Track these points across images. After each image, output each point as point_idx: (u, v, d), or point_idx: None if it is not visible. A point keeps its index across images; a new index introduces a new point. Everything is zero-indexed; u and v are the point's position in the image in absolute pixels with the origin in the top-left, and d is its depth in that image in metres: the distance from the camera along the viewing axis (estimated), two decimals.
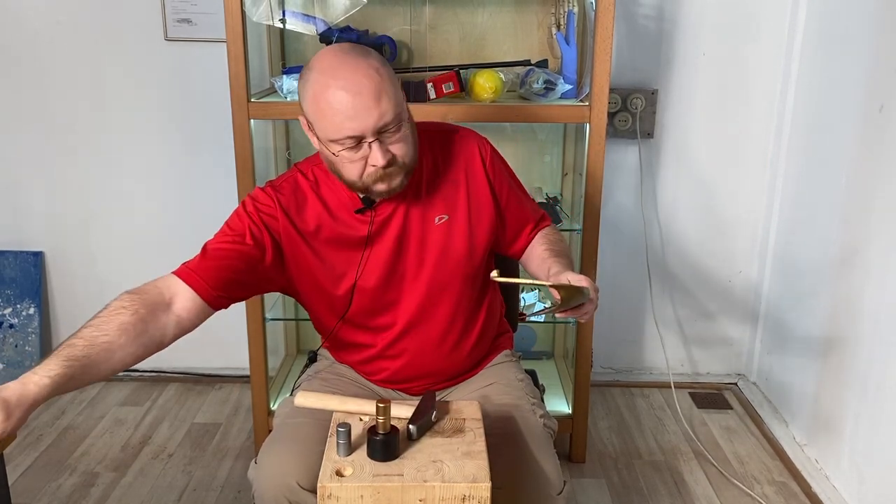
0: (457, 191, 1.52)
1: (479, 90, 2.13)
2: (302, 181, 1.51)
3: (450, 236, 1.51)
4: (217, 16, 2.32)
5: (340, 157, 1.36)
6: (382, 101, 1.31)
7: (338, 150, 1.35)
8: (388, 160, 1.34)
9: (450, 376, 1.62)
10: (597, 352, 2.71)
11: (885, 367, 1.95)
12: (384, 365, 1.60)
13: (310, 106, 1.36)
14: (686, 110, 2.61)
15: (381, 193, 1.41)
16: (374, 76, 1.31)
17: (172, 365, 2.87)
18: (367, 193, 1.43)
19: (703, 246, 2.74)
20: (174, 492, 2.21)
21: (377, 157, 1.33)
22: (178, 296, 1.43)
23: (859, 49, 2.12)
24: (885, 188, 1.96)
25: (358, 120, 1.31)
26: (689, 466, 2.37)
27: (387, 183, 1.38)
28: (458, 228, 1.52)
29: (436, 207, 1.51)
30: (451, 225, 1.52)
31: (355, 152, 1.34)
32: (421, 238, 1.50)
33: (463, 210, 1.52)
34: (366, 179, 1.38)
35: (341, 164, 1.37)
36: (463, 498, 1.18)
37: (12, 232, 2.75)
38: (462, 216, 1.52)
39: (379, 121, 1.31)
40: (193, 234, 2.71)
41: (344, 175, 1.39)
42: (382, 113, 1.31)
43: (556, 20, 2.32)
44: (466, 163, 1.54)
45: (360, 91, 1.30)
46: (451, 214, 1.52)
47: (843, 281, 2.16)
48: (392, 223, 1.49)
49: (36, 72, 2.59)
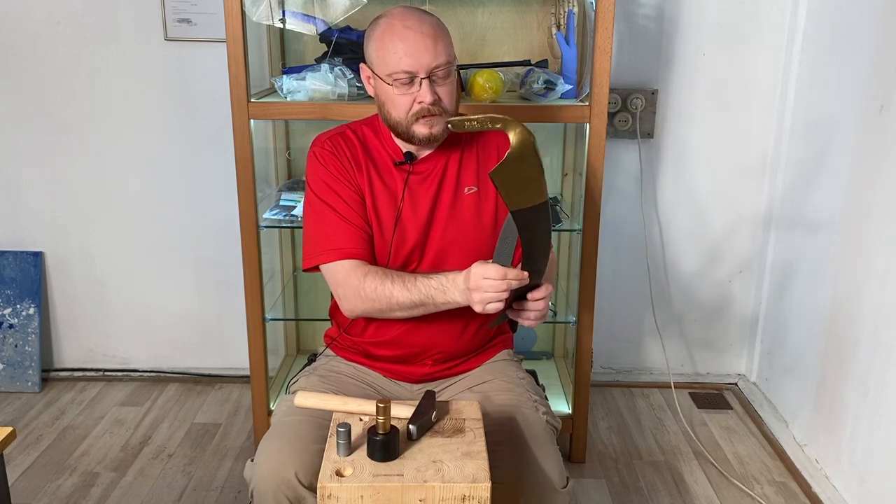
0: (487, 166, 1.62)
1: (479, 90, 2.12)
2: (351, 135, 1.65)
3: (476, 207, 1.63)
4: (217, 16, 2.33)
5: (394, 90, 1.52)
6: (438, 45, 1.50)
7: (392, 82, 1.51)
8: (434, 98, 1.51)
9: (452, 354, 1.66)
10: (597, 352, 2.71)
11: (885, 367, 1.95)
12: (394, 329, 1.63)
13: (375, 43, 1.54)
14: (686, 110, 2.61)
15: (422, 139, 1.55)
16: (435, 25, 1.53)
17: (172, 365, 2.87)
18: (410, 138, 1.56)
19: (703, 246, 2.74)
20: (174, 492, 2.21)
21: (426, 93, 1.50)
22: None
23: (859, 49, 2.12)
24: (885, 188, 1.96)
25: (416, 57, 1.49)
26: (689, 466, 2.37)
27: (428, 126, 1.54)
28: (485, 201, 1.64)
29: (467, 178, 1.64)
30: (479, 196, 1.64)
31: (407, 88, 1.51)
32: (451, 203, 1.62)
33: (491, 185, 1.61)
34: (410, 117, 1.53)
35: (392, 99, 1.53)
36: (463, 498, 1.18)
37: (12, 232, 2.76)
38: (490, 190, 1.63)
39: (433, 61, 1.50)
40: (193, 234, 2.75)
41: (392, 113, 1.55)
42: (437, 55, 1.50)
43: (556, 20, 2.32)
44: (498, 144, 1.67)
45: (422, 32, 1.50)
46: (480, 187, 1.64)
47: (843, 281, 2.16)
48: (427, 183, 1.62)
49: (36, 72, 2.59)
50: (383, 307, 1.52)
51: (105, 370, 2.88)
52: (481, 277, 1.40)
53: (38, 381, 2.76)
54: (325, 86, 2.11)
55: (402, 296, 1.49)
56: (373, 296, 1.51)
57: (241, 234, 2.17)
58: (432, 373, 1.67)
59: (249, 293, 2.22)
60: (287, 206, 2.30)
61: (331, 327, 1.80)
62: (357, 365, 1.70)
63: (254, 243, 2.18)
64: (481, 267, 1.41)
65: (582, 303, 2.26)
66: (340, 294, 1.56)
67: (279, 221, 2.28)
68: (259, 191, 2.20)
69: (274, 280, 2.57)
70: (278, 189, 2.47)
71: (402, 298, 1.49)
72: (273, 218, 2.28)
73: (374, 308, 1.53)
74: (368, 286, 1.51)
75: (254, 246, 2.18)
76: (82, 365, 2.88)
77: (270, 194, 2.47)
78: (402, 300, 1.49)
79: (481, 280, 1.40)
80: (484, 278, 1.40)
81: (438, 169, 1.62)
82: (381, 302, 1.51)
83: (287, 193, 2.37)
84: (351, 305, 1.55)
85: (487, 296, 1.40)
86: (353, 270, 1.53)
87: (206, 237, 2.74)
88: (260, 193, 2.22)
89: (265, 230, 2.28)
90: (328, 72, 2.12)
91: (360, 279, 1.52)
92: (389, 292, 1.50)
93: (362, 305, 1.53)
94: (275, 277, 2.59)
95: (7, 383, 2.75)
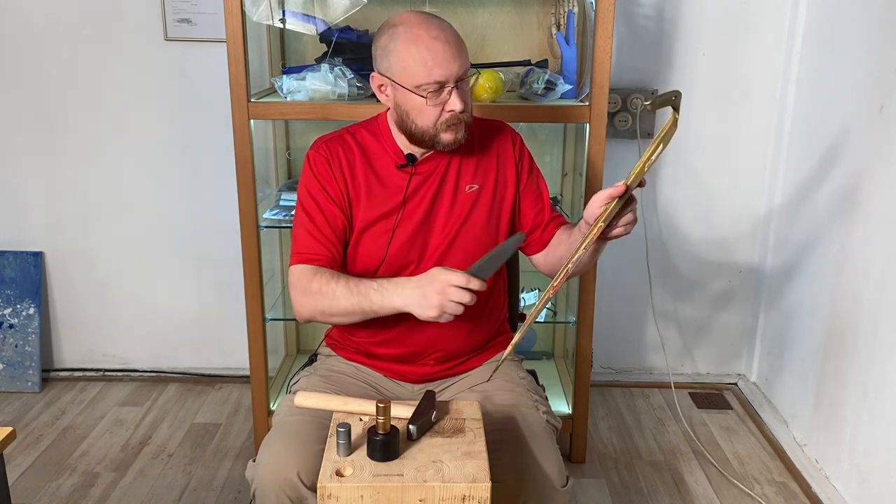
0: (489, 165, 1.66)
1: (480, 90, 2.12)
2: (349, 140, 1.63)
3: (477, 205, 1.64)
4: (217, 16, 2.33)
5: (427, 101, 1.50)
6: (463, 53, 1.51)
7: (425, 94, 1.49)
8: (463, 107, 1.51)
9: (453, 354, 1.66)
10: (597, 352, 2.71)
11: (885, 367, 1.95)
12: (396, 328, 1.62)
13: (400, 54, 1.49)
14: (686, 110, 2.60)
15: (447, 144, 1.55)
16: (455, 33, 1.52)
17: (172, 365, 2.88)
18: (433, 145, 1.56)
19: (703, 246, 2.74)
20: (174, 492, 2.21)
21: (455, 102, 1.50)
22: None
23: (859, 49, 2.12)
24: (885, 188, 1.96)
25: (446, 66, 1.48)
26: (689, 466, 2.37)
27: (454, 132, 1.54)
28: (485, 199, 1.65)
29: (468, 177, 1.64)
30: (479, 194, 1.64)
31: (436, 97, 1.50)
32: (452, 202, 1.62)
33: (491, 183, 1.65)
34: (440, 126, 1.53)
35: (421, 110, 1.51)
36: (463, 498, 1.18)
37: (12, 232, 2.76)
38: (490, 188, 1.65)
39: (461, 69, 1.49)
40: (193, 234, 2.75)
41: (418, 122, 1.53)
42: (463, 63, 1.50)
43: (556, 20, 2.32)
44: (499, 143, 1.68)
45: (448, 41, 1.48)
46: (481, 185, 1.64)
47: (843, 281, 2.16)
48: (429, 183, 1.61)
49: (36, 72, 2.59)
50: (324, 307, 1.50)
51: (105, 370, 2.88)
52: (448, 284, 1.37)
53: (38, 381, 2.76)
54: (325, 86, 2.11)
55: (343, 296, 1.47)
56: (317, 292, 1.49)
57: (241, 234, 2.18)
58: (433, 373, 1.67)
59: (249, 293, 2.22)
60: (287, 206, 2.30)
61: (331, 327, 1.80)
62: (358, 364, 1.70)
63: (254, 243, 2.18)
64: (446, 273, 1.39)
65: (582, 303, 2.26)
66: (291, 295, 1.56)
67: (279, 221, 2.28)
68: (259, 191, 2.20)
69: (274, 280, 2.57)
70: (278, 189, 2.47)
71: (342, 299, 1.47)
72: (273, 218, 2.28)
73: (318, 307, 1.50)
74: (315, 284, 1.50)
75: (254, 246, 2.18)
76: (82, 365, 2.88)
77: (270, 194, 2.47)
78: (343, 301, 1.48)
79: (447, 286, 1.37)
80: (451, 285, 1.37)
81: (440, 169, 1.62)
82: (323, 299, 1.49)
83: (287, 193, 2.37)
84: (298, 306, 1.54)
85: (450, 305, 1.37)
86: (305, 272, 1.53)
87: (206, 237, 2.74)
88: (260, 193, 2.22)
89: (265, 230, 2.28)
90: (328, 72, 2.12)
91: (308, 278, 1.51)
92: (332, 291, 1.48)
93: (307, 304, 1.51)
94: (275, 277, 2.59)
95: (7, 383, 2.75)
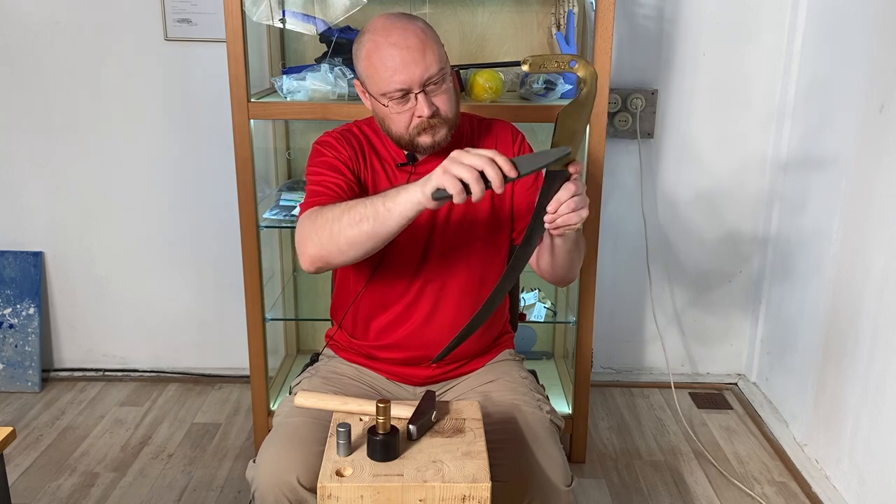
0: None
1: (479, 90, 2.12)
2: (357, 132, 1.62)
3: (477, 204, 1.57)
4: (217, 16, 2.33)
5: (390, 109, 1.47)
6: (427, 55, 1.43)
7: (387, 103, 1.46)
8: (432, 111, 1.46)
9: (457, 356, 1.64)
10: (597, 352, 2.71)
11: (885, 367, 1.95)
12: (399, 331, 1.62)
13: (363, 63, 1.48)
14: (686, 110, 2.61)
15: (426, 148, 1.51)
16: (420, 34, 1.45)
17: (172, 365, 2.88)
18: (413, 149, 1.53)
19: (703, 246, 2.74)
20: (174, 492, 2.21)
21: (422, 107, 1.45)
22: None
23: (859, 49, 2.12)
24: (886, 188, 1.96)
25: (406, 72, 1.43)
26: (689, 466, 2.37)
27: (431, 135, 1.49)
28: (485, 198, 1.58)
29: None
30: None
31: (403, 104, 1.46)
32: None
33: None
34: (412, 131, 1.49)
35: (390, 117, 1.49)
36: (463, 498, 1.18)
37: (12, 232, 2.76)
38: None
39: (424, 73, 1.43)
40: (193, 234, 2.75)
41: (392, 129, 1.51)
42: (427, 66, 1.43)
43: (556, 20, 2.32)
44: (500, 141, 1.66)
45: (407, 46, 1.43)
46: None
47: (843, 281, 2.16)
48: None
49: (36, 72, 2.59)
50: (329, 229, 1.36)
51: (105, 370, 2.88)
52: (471, 152, 1.25)
53: (38, 381, 2.76)
54: (325, 86, 2.11)
55: (350, 206, 1.36)
56: (321, 220, 1.38)
57: (241, 234, 2.18)
58: (435, 375, 1.66)
59: (249, 293, 2.22)
60: (287, 206, 2.30)
61: (331, 327, 1.80)
62: (359, 366, 1.69)
63: (254, 243, 2.18)
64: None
65: (582, 303, 2.26)
66: (297, 242, 1.44)
67: (279, 221, 2.28)
68: (259, 191, 2.20)
69: (274, 280, 2.57)
70: (278, 189, 2.47)
71: (349, 209, 1.35)
72: (273, 218, 2.28)
73: (323, 234, 1.37)
74: (320, 218, 1.38)
75: (254, 246, 2.18)
76: (82, 365, 2.89)
77: (270, 194, 2.47)
78: (349, 211, 1.35)
79: (469, 154, 1.24)
80: (474, 154, 1.24)
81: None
82: (327, 223, 1.37)
83: (287, 193, 2.37)
84: (302, 246, 1.41)
85: (459, 167, 1.22)
86: (311, 213, 1.42)
87: (205, 237, 2.74)
88: (260, 193, 2.22)
89: (265, 230, 2.28)
90: (328, 72, 2.12)
91: (315, 214, 1.40)
92: (338, 208, 1.37)
93: (312, 237, 1.39)
94: (275, 277, 2.59)
95: (7, 383, 2.75)
